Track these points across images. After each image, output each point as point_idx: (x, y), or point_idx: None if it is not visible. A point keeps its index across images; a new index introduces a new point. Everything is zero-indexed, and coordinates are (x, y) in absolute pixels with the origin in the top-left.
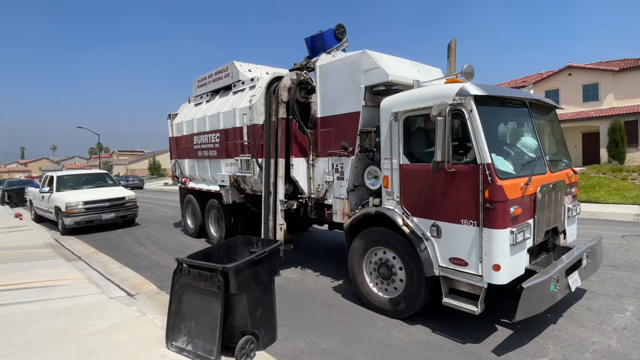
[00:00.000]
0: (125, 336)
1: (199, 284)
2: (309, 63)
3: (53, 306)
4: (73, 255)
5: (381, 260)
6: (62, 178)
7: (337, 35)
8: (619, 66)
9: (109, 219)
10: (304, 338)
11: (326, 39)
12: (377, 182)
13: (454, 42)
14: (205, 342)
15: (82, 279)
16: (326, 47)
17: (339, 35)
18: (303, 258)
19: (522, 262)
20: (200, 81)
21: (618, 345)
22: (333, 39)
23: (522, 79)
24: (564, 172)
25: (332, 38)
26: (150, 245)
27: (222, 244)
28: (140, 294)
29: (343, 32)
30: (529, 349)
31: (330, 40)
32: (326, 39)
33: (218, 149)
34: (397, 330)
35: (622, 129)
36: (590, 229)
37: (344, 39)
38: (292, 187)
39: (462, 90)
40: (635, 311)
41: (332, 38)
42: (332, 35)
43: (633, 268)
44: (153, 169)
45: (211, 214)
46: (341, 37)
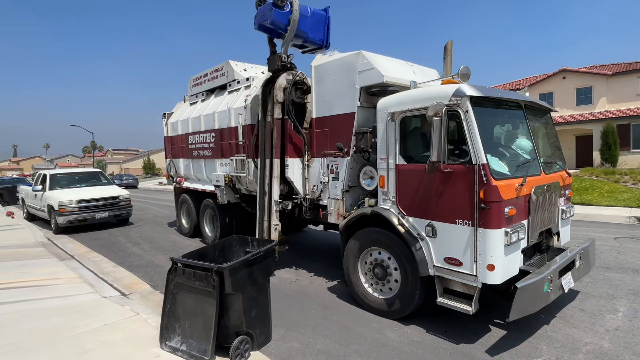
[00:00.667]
0: (118, 336)
1: (194, 284)
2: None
3: (45, 306)
4: (66, 254)
5: (376, 261)
6: (55, 176)
7: (279, 5)
8: (612, 70)
9: (103, 218)
10: (299, 338)
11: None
12: (372, 182)
13: (450, 43)
14: (200, 342)
15: (75, 279)
16: (281, 26)
17: (280, 4)
18: (298, 258)
19: (516, 263)
20: (196, 80)
21: (610, 346)
22: (280, 13)
23: (517, 82)
24: (558, 174)
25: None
26: (144, 245)
27: (217, 244)
28: (134, 294)
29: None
30: (523, 350)
31: (279, 17)
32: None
33: (213, 148)
34: (392, 330)
35: (614, 133)
36: (583, 230)
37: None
38: (287, 188)
39: (458, 91)
40: (627, 312)
41: (279, 13)
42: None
43: (625, 270)
44: (147, 168)
45: (206, 213)
46: (281, 3)
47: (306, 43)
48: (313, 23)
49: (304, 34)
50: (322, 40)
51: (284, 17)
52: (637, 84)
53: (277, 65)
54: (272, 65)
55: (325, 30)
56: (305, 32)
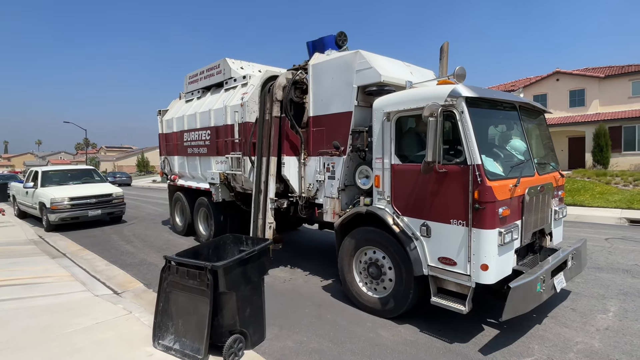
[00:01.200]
0: (110, 335)
1: (188, 282)
2: (306, 64)
3: (36, 304)
4: (57, 252)
5: (371, 260)
6: (47, 173)
7: (338, 42)
8: (604, 73)
9: (96, 215)
10: (293, 337)
11: (327, 44)
12: (368, 181)
13: (447, 45)
14: (193, 340)
15: (66, 277)
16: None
17: (339, 43)
18: (293, 257)
19: (509, 263)
20: (192, 77)
21: (600, 345)
22: (334, 45)
23: (511, 83)
24: (551, 175)
25: (332, 44)
26: (137, 243)
27: (211, 242)
28: (127, 292)
29: (344, 40)
30: (515, 349)
31: (331, 46)
32: (327, 45)
33: (208, 146)
34: (386, 329)
35: (606, 135)
36: (575, 231)
37: (344, 47)
38: (282, 186)
39: (454, 91)
40: (617, 312)
41: (333, 44)
42: (333, 42)
43: (615, 270)
44: (141, 166)
45: (200, 212)
46: (342, 45)
47: None
48: None
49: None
50: None
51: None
52: (629, 87)
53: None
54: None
55: None
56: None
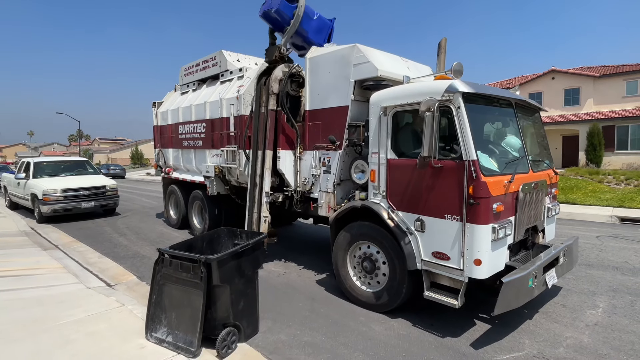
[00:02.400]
0: (103, 327)
1: (181, 275)
2: (282, 50)
3: (27, 295)
4: (50, 243)
5: (365, 255)
6: (39, 164)
7: None
8: (599, 72)
9: (89, 207)
10: (286, 330)
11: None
12: (363, 176)
13: (444, 41)
14: (186, 333)
15: (58, 269)
16: (285, 18)
17: None
18: (287, 251)
19: (502, 258)
20: (187, 69)
21: (589, 341)
22: (287, 5)
23: (507, 81)
24: (545, 173)
25: (286, 5)
26: (130, 236)
27: (206, 235)
28: (120, 285)
29: None
30: (506, 344)
31: (285, 8)
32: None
33: (203, 139)
34: (379, 323)
35: (600, 134)
36: (567, 229)
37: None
38: (278, 180)
39: (450, 87)
40: (606, 308)
41: (286, 5)
42: (284, 3)
43: (606, 267)
44: (135, 159)
45: (195, 205)
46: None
47: (305, 43)
48: (317, 27)
49: (305, 33)
50: (321, 45)
51: (290, 10)
52: (623, 87)
53: (275, 55)
54: (270, 55)
55: (326, 38)
56: (307, 32)
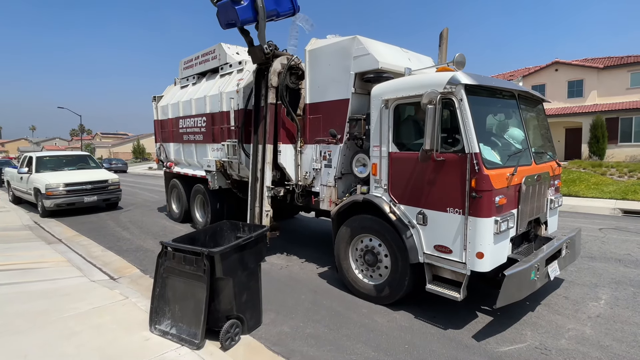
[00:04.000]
0: (107, 319)
1: (184, 268)
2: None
3: (32, 289)
4: (53, 237)
5: (367, 248)
6: (41, 159)
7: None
8: (603, 64)
9: (91, 201)
10: (289, 323)
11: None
12: (365, 169)
13: (446, 31)
14: (190, 325)
15: (62, 262)
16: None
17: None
18: (289, 245)
19: (504, 251)
20: (187, 63)
21: (592, 332)
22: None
23: (510, 73)
24: (548, 165)
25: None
26: (133, 229)
27: (208, 229)
28: (124, 278)
29: None
30: (508, 335)
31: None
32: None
33: (204, 133)
34: (381, 316)
35: (603, 126)
36: (570, 221)
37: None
38: (279, 174)
39: (453, 78)
40: (609, 300)
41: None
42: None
43: (608, 259)
44: (137, 153)
45: (197, 199)
46: None
47: (278, 18)
48: None
49: (274, 11)
50: (291, 9)
51: (249, 11)
52: (628, 78)
53: (261, 57)
54: (256, 58)
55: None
56: (275, 9)
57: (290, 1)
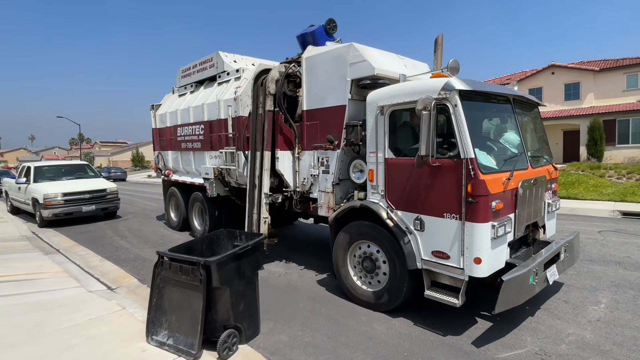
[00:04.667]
0: (104, 330)
1: (181, 278)
2: (299, 58)
3: (29, 300)
4: (51, 248)
5: (365, 254)
6: (39, 169)
7: (327, 30)
8: (599, 66)
9: (90, 211)
10: (287, 331)
11: (317, 35)
12: (362, 175)
13: (441, 37)
14: (187, 336)
15: (60, 273)
16: (317, 44)
17: (329, 31)
18: (288, 252)
19: (502, 256)
20: (185, 71)
21: (592, 337)
22: (324, 34)
23: (506, 77)
24: (545, 168)
25: (322, 34)
26: (132, 238)
27: (205, 237)
28: (121, 288)
29: (334, 27)
30: (508, 341)
31: (321, 36)
32: (317, 35)
33: (202, 141)
34: (380, 323)
35: (600, 128)
36: (569, 224)
37: (335, 34)
38: (277, 181)
39: (447, 84)
40: (609, 304)
41: (323, 34)
42: (322, 32)
43: (608, 262)
44: (136, 161)
45: (195, 207)
46: (332, 32)
47: None
48: None
49: None
50: None
51: (323, 39)
52: (624, 80)
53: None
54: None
55: None
56: None
57: None
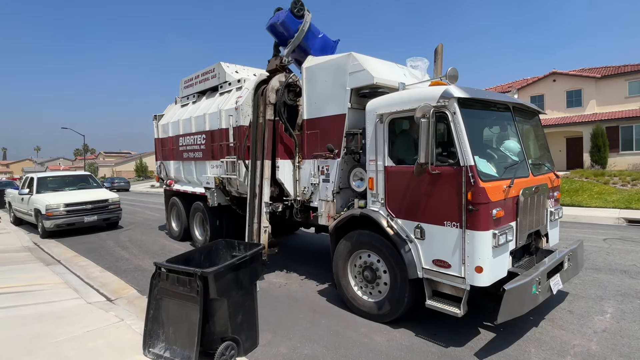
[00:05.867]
0: (101, 343)
1: (178, 289)
2: (283, 61)
3: (26, 312)
4: (52, 259)
5: (365, 264)
6: (42, 179)
7: (295, 13)
8: (601, 73)
9: (92, 221)
10: (286, 343)
11: (288, 23)
12: (362, 184)
13: (441, 47)
14: (184, 348)
15: (60, 284)
16: (290, 31)
17: (297, 13)
18: (289, 262)
19: (504, 265)
20: (187, 82)
21: (598, 348)
22: (294, 19)
23: (508, 85)
24: (546, 176)
25: (292, 20)
26: (133, 249)
27: (203, 248)
28: (120, 299)
29: (300, 8)
30: (511, 353)
31: (292, 22)
32: (288, 24)
33: (204, 150)
34: (381, 334)
35: (604, 135)
36: (573, 232)
37: (305, 15)
38: (277, 190)
39: (445, 92)
40: (615, 313)
41: (293, 19)
42: (291, 17)
43: (613, 271)
44: (139, 171)
45: (196, 216)
46: (300, 13)
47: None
48: (321, 45)
49: (309, 49)
50: None
51: (295, 24)
52: (626, 87)
53: (275, 65)
54: (271, 65)
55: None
56: (310, 48)
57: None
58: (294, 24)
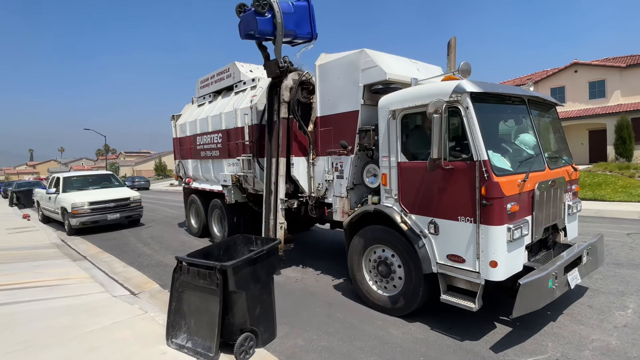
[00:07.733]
0: (126, 334)
1: (198, 282)
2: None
3: (57, 305)
4: (78, 255)
5: (380, 258)
6: (68, 179)
7: (260, 11)
8: (626, 62)
9: (114, 219)
10: (303, 335)
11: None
12: (376, 180)
13: (454, 40)
14: (205, 339)
15: (86, 278)
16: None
17: (261, 10)
18: (304, 257)
19: (519, 259)
20: (203, 82)
21: (618, 343)
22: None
23: (527, 77)
24: (563, 169)
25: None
26: (154, 245)
27: (222, 243)
28: (143, 293)
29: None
30: (528, 346)
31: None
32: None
33: (220, 149)
34: (396, 328)
35: (629, 126)
36: (595, 226)
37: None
38: (292, 186)
39: (458, 87)
40: (637, 309)
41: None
42: (261, 20)
43: (636, 266)
44: (159, 170)
45: (214, 213)
46: (262, 10)
47: (295, 40)
48: (298, 18)
49: (292, 32)
50: (309, 34)
51: (269, 24)
52: None
53: (275, 72)
54: (270, 72)
55: (310, 22)
56: (293, 30)
57: (309, 26)
58: (268, 25)
